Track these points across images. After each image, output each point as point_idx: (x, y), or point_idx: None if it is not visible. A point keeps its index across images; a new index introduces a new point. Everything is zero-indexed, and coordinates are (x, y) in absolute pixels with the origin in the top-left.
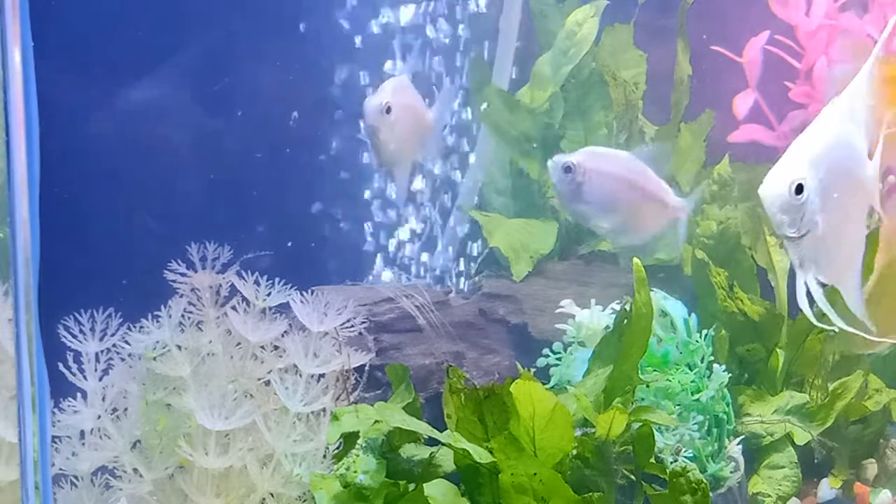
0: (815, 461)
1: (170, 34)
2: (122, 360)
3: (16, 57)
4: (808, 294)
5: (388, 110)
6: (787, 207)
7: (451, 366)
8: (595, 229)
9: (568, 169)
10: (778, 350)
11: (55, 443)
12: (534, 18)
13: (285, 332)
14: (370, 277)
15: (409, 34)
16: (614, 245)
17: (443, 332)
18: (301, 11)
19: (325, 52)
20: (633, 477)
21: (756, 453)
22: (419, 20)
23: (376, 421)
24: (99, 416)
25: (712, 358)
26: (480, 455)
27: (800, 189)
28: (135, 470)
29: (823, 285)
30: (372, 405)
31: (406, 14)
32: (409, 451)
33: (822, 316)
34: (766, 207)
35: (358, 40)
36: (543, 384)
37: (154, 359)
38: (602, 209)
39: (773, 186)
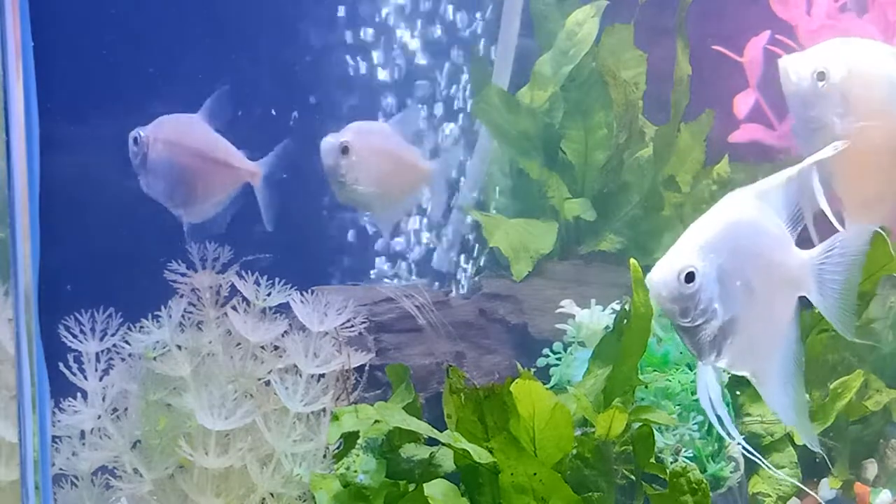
0: (816, 461)
1: (169, 36)
2: (123, 360)
3: (16, 57)
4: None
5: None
6: (678, 297)
7: (451, 366)
8: (168, 204)
9: (135, 140)
10: None
11: (55, 443)
12: (534, 18)
13: (285, 332)
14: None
15: None
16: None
17: (443, 332)
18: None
19: (321, 50)
20: (633, 477)
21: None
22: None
23: (376, 421)
24: (99, 416)
25: None
26: (480, 455)
27: (690, 277)
28: (135, 470)
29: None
30: (372, 405)
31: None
32: (409, 450)
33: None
34: (653, 296)
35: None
36: (543, 384)
37: (154, 359)
38: (171, 182)
39: (662, 274)
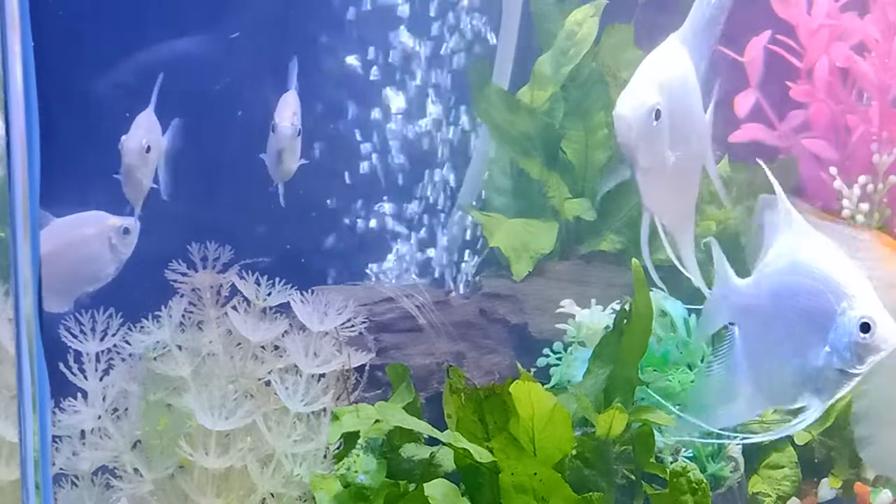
0: (816, 461)
1: (170, 38)
2: (123, 360)
3: (16, 56)
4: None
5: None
6: (646, 134)
7: (451, 366)
8: None
9: None
10: None
11: (56, 442)
12: (534, 18)
13: (286, 331)
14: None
15: None
16: None
17: (443, 332)
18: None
19: (316, 50)
20: (633, 477)
21: (756, 453)
22: None
23: (377, 421)
24: (99, 416)
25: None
26: (481, 455)
27: (658, 114)
28: (135, 470)
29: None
30: (372, 405)
31: None
32: (410, 450)
33: None
34: (621, 132)
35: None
36: (544, 384)
37: (154, 359)
38: None
39: (632, 108)
